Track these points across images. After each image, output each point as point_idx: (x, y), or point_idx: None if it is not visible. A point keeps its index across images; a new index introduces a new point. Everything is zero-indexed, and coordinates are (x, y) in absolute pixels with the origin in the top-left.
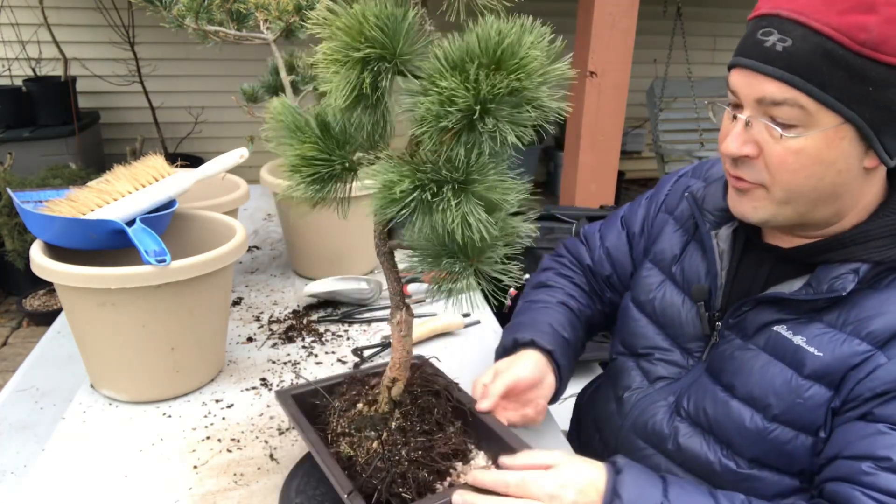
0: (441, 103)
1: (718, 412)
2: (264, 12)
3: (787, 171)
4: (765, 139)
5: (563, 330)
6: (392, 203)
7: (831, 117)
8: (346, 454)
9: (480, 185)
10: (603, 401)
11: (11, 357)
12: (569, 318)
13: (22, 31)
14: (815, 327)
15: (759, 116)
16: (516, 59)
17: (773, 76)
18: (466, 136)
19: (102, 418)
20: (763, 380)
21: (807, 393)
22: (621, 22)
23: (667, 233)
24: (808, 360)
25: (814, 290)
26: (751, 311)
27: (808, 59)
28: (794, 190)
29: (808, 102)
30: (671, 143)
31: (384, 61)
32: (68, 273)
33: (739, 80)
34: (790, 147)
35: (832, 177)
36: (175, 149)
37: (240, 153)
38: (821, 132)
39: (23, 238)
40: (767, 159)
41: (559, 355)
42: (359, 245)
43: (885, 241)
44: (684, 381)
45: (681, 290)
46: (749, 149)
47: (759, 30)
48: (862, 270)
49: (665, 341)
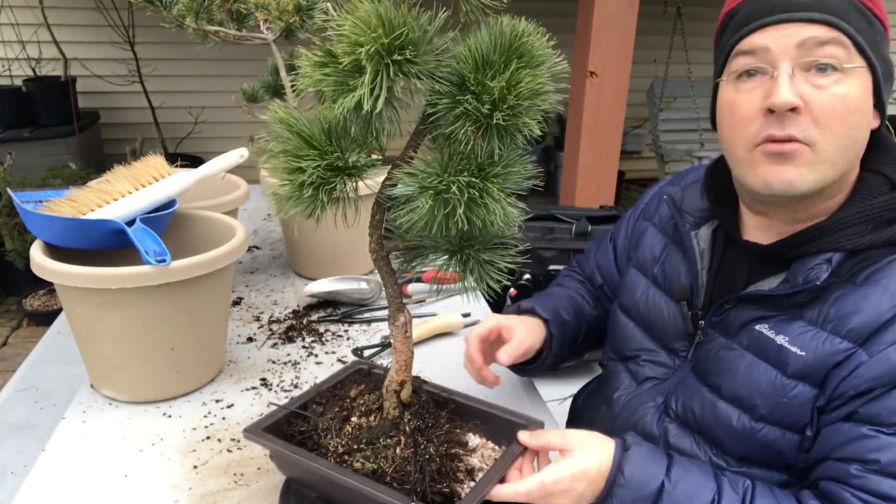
0: (482, 101)
1: (706, 413)
2: (264, 12)
3: (837, 119)
4: (809, 91)
5: (564, 312)
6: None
7: (861, 61)
8: (368, 468)
9: (510, 174)
10: (595, 403)
11: (11, 357)
12: (573, 306)
13: (22, 31)
14: (797, 326)
15: (799, 67)
16: (534, 55)
17: (814, 20)
18: (498, 129)
19: (102, 418)
20: (748, 380)
21: (791, 392)
22: (621, 22)
23: (647, 238)
24: (791, 359)
25: (791, 284)
26: (733, 309)
27: (840, 4)
28: (841, 144)
29: (848, 42)
30: (671, 143)
31: (402, 63)
32: (68, 273)
33: (769, 36)
34: (837, 93)
35: (865, 128)
36: (175, 149)
37: (240, 153)
38: (856, 77)
39: (23, 238)
40: (816, 111)
41: (553, 325)
42: (359, 245)
43: (856, 229)
44: (671, 381)
45: (663, 291)
46: (799, 100)
47: None
48: (835, 259)
49: (651, 343)
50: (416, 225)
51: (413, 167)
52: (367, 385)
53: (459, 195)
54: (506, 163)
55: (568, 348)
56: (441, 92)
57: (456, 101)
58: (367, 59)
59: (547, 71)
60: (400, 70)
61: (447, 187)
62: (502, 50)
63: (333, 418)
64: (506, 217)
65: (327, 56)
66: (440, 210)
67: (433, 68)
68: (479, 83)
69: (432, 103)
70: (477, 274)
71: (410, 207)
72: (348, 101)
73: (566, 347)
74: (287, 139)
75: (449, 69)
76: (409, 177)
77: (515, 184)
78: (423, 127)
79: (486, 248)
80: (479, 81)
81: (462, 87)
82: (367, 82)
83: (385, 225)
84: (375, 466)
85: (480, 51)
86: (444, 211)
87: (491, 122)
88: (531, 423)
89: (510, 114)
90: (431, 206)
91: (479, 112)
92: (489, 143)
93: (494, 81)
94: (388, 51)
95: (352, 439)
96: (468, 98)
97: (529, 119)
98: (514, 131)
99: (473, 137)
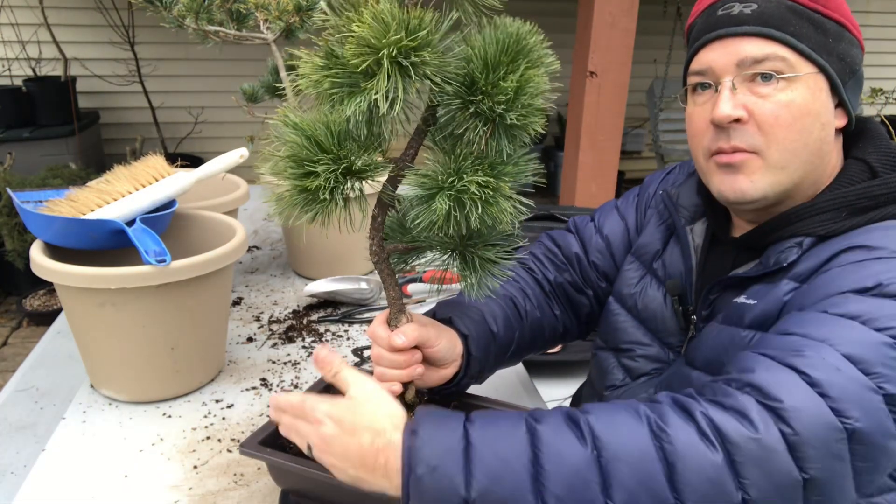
0: (497, 101)
1: (683, 388)
2: (264, 12)
3: (781, 126)
4: (752, 101)
5: (492, 321)
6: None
7: (808, 66)
8: None
9: (519, 172)
10: (587, 399)
11: (11, 357)
12: (510, 312)
13: (22, 31)
14: (755, 287)
15: (742, 79)
16: (538, 55)
17: (750, 34)
18: (505, 128)
19: (102, 418)
20: (716, 345)
21: (751, 343)
22: (621, 22)
23: (650, 227)
24: (746, 311)
25: (763, 266)
26: (718, 298)
27: (778, 14)
28: (789, 148)
29: (788, 53)
30: (671, 143)
31: (418, 65)
32: (68, 273)
33: (712, 53)
34: (780, 101)
35: (818, 131)
36: (175, 149)
37: (240, 153)
38: (803, 83)
39: (23, 238)
40: (759, 119)
41: (473, 343)
42: (359, 245)
43: (829, 216)
44: (664, 375)
45: (663, 285)
46: (740, 111)
47: (719, 8)
48: (805, 243)
49: (645, 336)
50: (435, 225)
51: (428, 168)
52: None
53: (478, 195)
54: (515, 161)
55: (491, 365)
56: (450, 93)
57: (468, 102)
58: (388, 61)
59: (545, 70)
60: (416, 72)
61: (465, 188)
62: (509, 50)
63: None
64: (515, 215)
65: (329, 57)
66: (458, 210)
67: (445, 70)
68: (490, 83)
69: (443, 104)
70: (478, 272)
71: (426, 208)
72: (361, 103)
73: (489, 364)
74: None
75: (458, 70)
76: (425, 178)
77: (523, 181)
78: (427, 128)
79: (487, 247)
80: (491, 82)
81: (472, 87)
82: (383, 85)
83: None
84: None
85: (488, 51)
86: (464, 211)
87: (505, 121)
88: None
89: (523, 113)
90: (450, 207)
91: (494, 112)
92: (499, 143)
93: (507, 82)
94: (405, 53)
95: None
96: (481, 98)
97: (537, 118)
98: (523, 130)
99: (485, 137)
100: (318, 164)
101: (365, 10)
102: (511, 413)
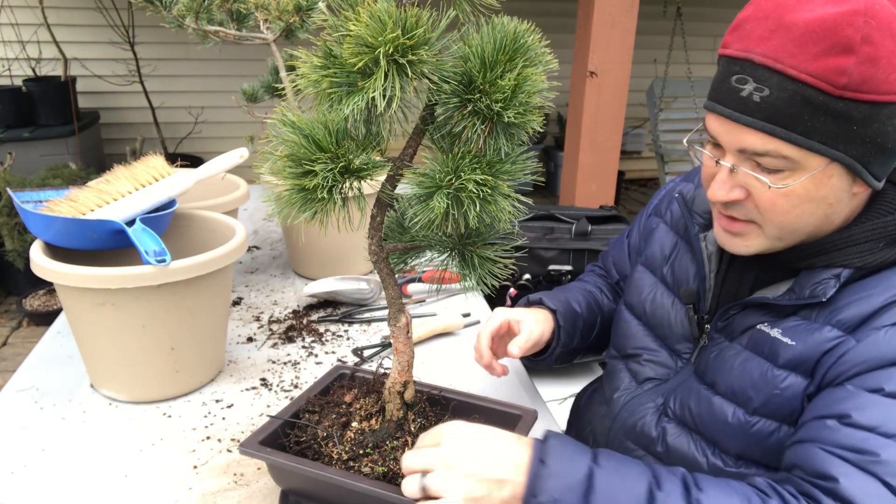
0: (494, 99)
1: (702, 409)
2: (264, 12)
3: (778, 212)
4: (752, 184)
5: (575, 303)
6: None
7: (818, 160)
8: (378, 472)
9: (516, 170)
10: (596, 402)
11: (11, 357)
12: (588, 298)
13: (22, 31)
14: (791, 320)
15: (742, 165)
16: (536, 54)
17: (753, 127)
18: (503, 126)
19: (102, 418)
20: (742, 374)
21: (783, 383)
22: (621, 22)
23: (657, 235)
24: (782, 350)
25: (796, 296)
26: (738, 315)
27: (788, 109)
28: (788, 227)
29: (792, 151)
30: (671, 143)
31: (416, 64)
32: (68, 273)
33: (718, 127)
34: (779, 191)
35: (823, 209)
36: (175, 149)
37: (240, 153)
38: (808, 175)
39: (23, 238)
40: (757, 202)
41: (561, 316)
42: (359, 245)
43: (866, 246)
44: (672, 382)
45: (671, 291)
46: (737, 193)
47: (733, 75)
48: (843, 276)
49: (654, 342)
50: (433, 223)
51: (426, 167)
52: (359, 389)
53: (476, 193)
54: (513, 160)
55: (580, 341)
56: (448, 92)
57: (465, 101)
58: (384, 59)
59: (543, 69)
60: (413, 70)
61: (464, 186)
62: (507, 49)
63: (332, 425)
64: (513, 213)
65: (328, 57)
66: (456, 208)
67: (443, 68)
68: (487, 82)
69: (441, 103)
70: (477, 271)
71: (424, 207)
72: (359, 102)
73: (577, 339)
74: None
75: (455, 68)
76: (423, 177)
77: (521, 179)
78: (425, 127)
79: (486, 245)
80: (489, 80)
81: (469, 86)
82: (380, 83)
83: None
84: (385, 469)
85: (486, 50)
86: (462, 210)
87: (503, 119)
88: (525, 414)
89: (521, 111)
90: (448, 205)
91: (491, 110)
92: (496, 141)
93: (505, 80)
94: (403, 51)
95: (356, 444)
96: (478, 97)
97: (535, 116)
98: (521, 128)
99: (483, 136)
100: (316, 163)
101: (362, 10)
102: (635, 466)
